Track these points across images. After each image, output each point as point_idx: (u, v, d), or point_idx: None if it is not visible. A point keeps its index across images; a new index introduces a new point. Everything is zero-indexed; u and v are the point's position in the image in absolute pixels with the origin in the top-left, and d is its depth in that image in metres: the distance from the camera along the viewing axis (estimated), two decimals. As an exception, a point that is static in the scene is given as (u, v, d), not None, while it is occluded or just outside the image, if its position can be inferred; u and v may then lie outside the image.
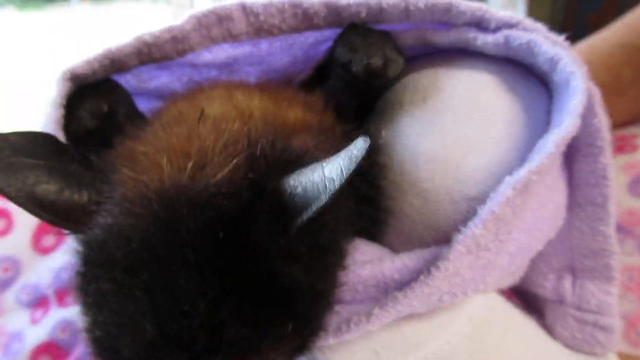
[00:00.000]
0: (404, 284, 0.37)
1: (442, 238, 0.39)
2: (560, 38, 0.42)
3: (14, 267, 0.61)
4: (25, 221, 0.62)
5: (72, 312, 0.58)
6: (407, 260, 0.38)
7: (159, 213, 0.30)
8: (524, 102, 0.41)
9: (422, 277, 0.36)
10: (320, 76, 0.48)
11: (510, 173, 0.37)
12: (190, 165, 0.31)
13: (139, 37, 0.42)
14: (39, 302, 0.60)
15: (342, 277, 0.36)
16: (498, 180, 0.38)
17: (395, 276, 0.37)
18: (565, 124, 0.36)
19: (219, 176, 0.30)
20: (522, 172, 0.36)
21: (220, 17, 0.43)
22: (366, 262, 0.39)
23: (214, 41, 0.44)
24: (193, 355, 0.28)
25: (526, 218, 0.39)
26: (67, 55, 0.44)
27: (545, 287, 0.47)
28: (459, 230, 0.36)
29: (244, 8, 0.43)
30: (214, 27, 0.43)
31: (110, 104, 0.41)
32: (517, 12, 2.60)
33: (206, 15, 0.43)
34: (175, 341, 0.28)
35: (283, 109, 0.39)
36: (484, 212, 0.35)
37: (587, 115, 0.41)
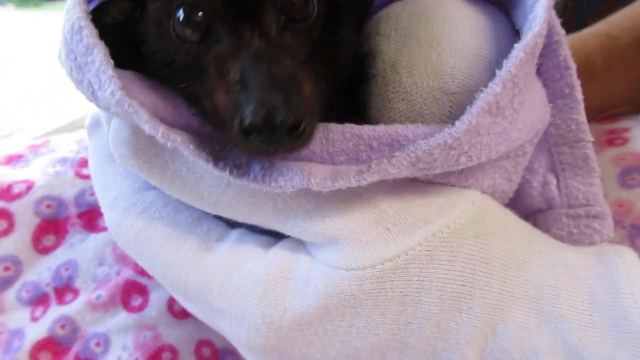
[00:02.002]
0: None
1: None
2: None
3: (14, 267, 0.62)
4: (25, 221, 0.63)
5: (71, 310, 0.59)
6: (419, 125, 0.41)
7: None
8: (485, 14, 0.46)
9: (446, 129, 0.38)
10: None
11: (485, 68, 0.42)
12: None
13: None
14: (39, 300, 0.61)
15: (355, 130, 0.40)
16: (472, 76, 0.42)
17: (409, 135, 0.39)
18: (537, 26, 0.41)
19: None
20: (529, 37, 0.39)
21: None
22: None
23: None
24: None
25: (525, 101, 0.43)
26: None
27: (533, 195, 0.50)
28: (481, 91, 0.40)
29: None
30: None
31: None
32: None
33: None
34: None
35: None
36: (502, 72, 0.39)
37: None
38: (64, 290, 0.61)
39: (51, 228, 0.64)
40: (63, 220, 0.65)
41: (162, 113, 0.39)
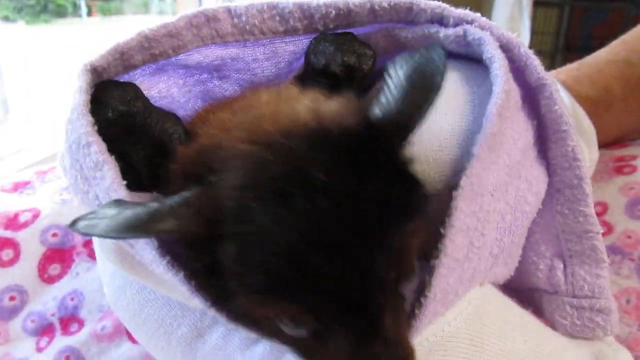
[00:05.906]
0: None
1: None
2: (513, 35, 0.46)
3: (20, 296, 0.62)
4: (31, 250, 0.64)
5: (76, 340, 0.59)
6: None
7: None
8: (479, 96, 0.45)
9: (416, 311, 0.37)
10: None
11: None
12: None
13: (140, 31, 0.46)
14: (44, 330, 0.61)
15: None
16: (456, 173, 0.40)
17: None
18: (497, 89, 0.41)
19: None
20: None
21: (208, 18, 0.48)
22: None
23: (203, 41, 0.49)
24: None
25: (510, 200, 0.42)
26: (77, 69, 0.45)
27: (539, 277, 0.49)
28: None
29: (229, 10, 0.49)
30: (203, 27, 0.48)
31: (135, 91, 0.43)
32: (524, 24, 2.60)
33: (196, 15, 0.48)
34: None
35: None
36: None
37: (549, 104, 0.44)
38: (69, 320, 0.61)
39: (57, 257, 0.64)
40: (69, 249, 0.65)
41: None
